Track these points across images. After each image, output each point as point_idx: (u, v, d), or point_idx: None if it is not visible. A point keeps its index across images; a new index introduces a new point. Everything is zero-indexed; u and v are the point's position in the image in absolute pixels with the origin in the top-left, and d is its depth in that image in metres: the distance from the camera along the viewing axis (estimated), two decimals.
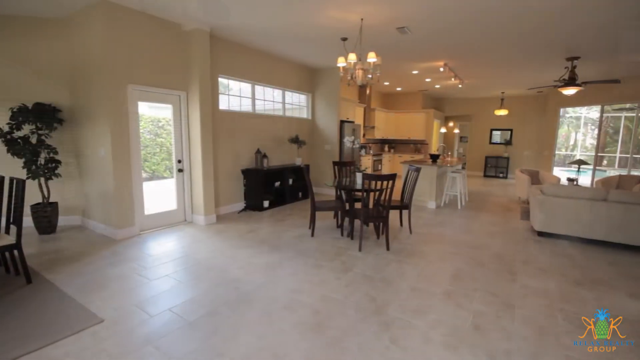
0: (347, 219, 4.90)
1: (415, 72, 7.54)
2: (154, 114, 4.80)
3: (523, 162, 11.21)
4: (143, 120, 4.59)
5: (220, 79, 5.52)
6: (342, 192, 4.76)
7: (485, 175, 11.87)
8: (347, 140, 4.91)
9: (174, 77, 4.73)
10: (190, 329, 2.37)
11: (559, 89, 6.48)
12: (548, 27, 4.48)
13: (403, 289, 3.03)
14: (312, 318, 2.52)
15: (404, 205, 4.63)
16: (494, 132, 11.90)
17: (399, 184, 7.10)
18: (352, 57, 4.29)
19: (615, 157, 9.76)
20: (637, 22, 4.22)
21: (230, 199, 5.83)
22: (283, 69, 6.75)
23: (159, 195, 4.87)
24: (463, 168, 7.67)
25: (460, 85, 8.36)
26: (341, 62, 4.42)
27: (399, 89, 10.20)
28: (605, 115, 9.45)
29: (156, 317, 2.50)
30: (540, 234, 4.75)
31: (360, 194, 4.72)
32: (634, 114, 8.62)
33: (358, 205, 5.19)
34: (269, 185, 6.17)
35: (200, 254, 3.79)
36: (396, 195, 6.50)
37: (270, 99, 6.72)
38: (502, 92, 10.54)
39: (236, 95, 6.00)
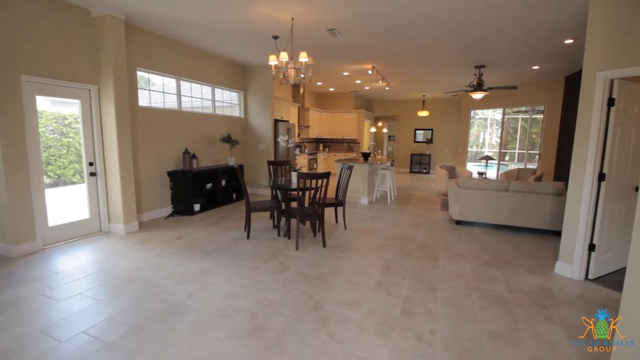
0: (283, 219, 4.87)
1: (346, 73, 7.81)
2: (58, 110, 4.17)
3: (442, 159, 12.42)
4: (44, 117, 3.96)
5: (139, 73, 5.04)
6: (278, 191, 4.71)
7: (411, 172, 12.86)
8: (282, 139, 4.88)
9: (82, 68, 4.17)
10: (109, 351, 2.11)
11: (470, 93, 7.30)
12: (460, 38, 5.00)
13: (339, 283, 3.12)
14: (249, 322, 2.44)
15: (338, 202, 4.76)
16: (418, 132, 12.95)
17: (333, 181, 7.31)
18: (284, 55, 4.27)
19: (515, 152, 11.35)
20: (530, 38, 4.96)
21: (155, 204, 5.37)
22: (213, 64, 6.43)
23: (67, 204, 4.26)
24: (392, 165, 8.19)
25: (387, 88, 8.90)
26: (273, 61, 4.36)
27: (331, 89, 10.48)
28: (506, 116, 10.94)
29: (67, 343, 2.18)
30: (458, 222, 5.30)
31: (296, 193, 4.72)
32: (528, 116, 10.14)
33: (294, 204, 5.19)
34: (199, 188, 5.83)
35: (120, 267, 3.42)
36: (331, 193, 6.67)
37: (199, 96, 6.35)
38: (424, 95, 11.52)
39: (159, 91, 5.54)
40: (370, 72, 7.25)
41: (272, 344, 2.20)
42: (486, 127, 13.22)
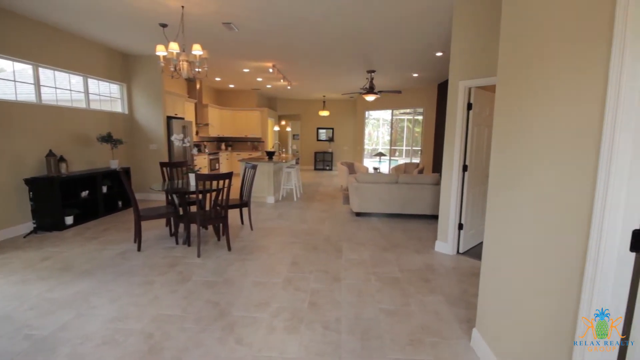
0: (182, 225, 4.47)
1: (246, 70, 7.61)
2: None
3: (343, 156, 13.26)
4: None
5: None
6: (174, 196, 4.30)
7: (316, 169, 13.37)
8: (176, 138, 4.46)
9: None
10: None
11: (363, 95, 7.95)
12: (353, 44, 5.38)
13: (246, 286, 3.02)
14: (144, 344, 2.16)
15: (243, 202, 4.61)
16: (320, 130, 13.52)
17: (237, 182, 7.06)
18: (174, 46, 3.89)
19: (403, 149, 12.86)
20: (409, 49, 5.64)
21: (9, 220, 4.30)
22: (85, 51, 5.46)
23: None
24: (297, 163, 8.35)
25: (289, 87, 9.01)
26: (161, 51, 3.94)
27: (231, 85, 10.08)
28: (394, 117, 12.29)
29: None
30: (358, 214, 5.73)
31: (195, 196, 4.38)
32: (412, 117, 11.60)
33: (194, 208, 4.82)
34: (72, 197, 4.90)
35: None
36: (236, 194, 6.41)
37: (67, 87, 5.32)
38: (324, 96, 12.08)
39: (9, 79, 4.44)
40: (271, 70, 7.23)
41: None
42: (379, 126, 14.63)
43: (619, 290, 1.19)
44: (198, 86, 8.87)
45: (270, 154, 7.18)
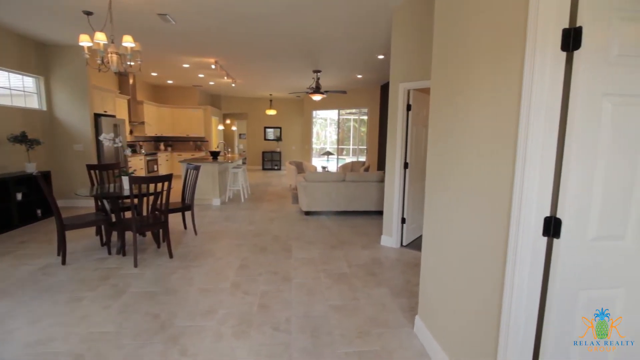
0: (115, 233, 4.08)
1: (186, 65, 7.20)
2: None
3: (291, 155, 13.23)
4: None
5: None
6: (105, 201, 3.92)
7: (264, 169, 13.16)
8: (106, 138, 4.06)
9: None
10: None
11: (310, 95, 8.00)
12: (297, 44, 5.38)
13: (191, 294, 2.86)
14: None
15: (186, 206, 4.36)
16: (268, 130, 13.33)
17: (179, 184, 6.65)
18: (101, 37, 3.53)
19: (350, 148, 13.22)
20: (353, 51, 5.80)
21: None
22: None
23: None
24: (244, 163, 8.14)
25: (233, 85, 8.73)
26: (85, 41, 3.55)
27: (170, 81, 9.47)
28: (341, 117, 12.58)
29: None
30: (307, 213, 5.76)
31: (129, 201, 4.04)
32: (357, 117, 11.97)
33: (129, 214, 4.44)
34: None
35: None
36: (177, 197, 6.05)
37: None
38: (271, 94, 11.92)
39: None
40: (213, 66, 6.93)
41: None
42: (326, 125, 14.87)
43: (534, 269, 1.35)
44: (131, 81, 8.18)
45: (214, 154, 6.89)
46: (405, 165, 4.06)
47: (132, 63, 3.94)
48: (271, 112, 11.80)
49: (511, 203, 1.38)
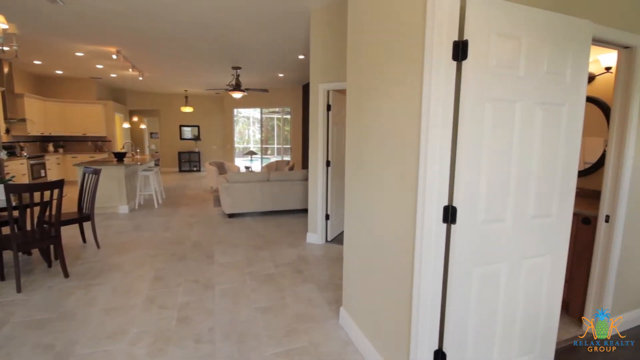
0: None
1: (80, 54, 6.24)
2: None
3: (212, 156, 12.53)
4: None
5: None
6: None
7: (181, 170, 12.21)
8: None
9: None
10: None
11: (230, 92, 7.69)
12: (215, 38, 5.10)
13: (94, 316, 2.50)
14: None
15: (84, 216, 3.80)
16: (184, 128, 12.39)
17: (74, 191, 5.75)
18: None
19: (274, 147, 13.12)
20: (273, 50, 5.74)
21: None
22: None
23: None
24: (156, 165, 7.42)
25: (140, 78, 7.88)
26: None
27: (59, 72, 8.11)
28: (264, 116, 12.40)
29: None
30: (230, 215, 5.53)
31: (7, 214, 3.35)
32: (281, 116, 11.93)
33: (6, 229, 3.67)
34: None
35: None
36: (73, 206, 5.25)
37: None
38: (186, 90, 11.10)
39: None
40: (115, 57, 6.15)
41: None
42: (249, 124, 14.49)
43: (437, 252, 1.52)
44: (6, 69, 6.77)
45: (119, 156, 6.13)
46: (328, 163, 4.19)
47: (7, 48, 3.27)
48: (187, 109, 11.00)
49: (417, 195, 1.53)
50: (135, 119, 12.09)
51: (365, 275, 2.11)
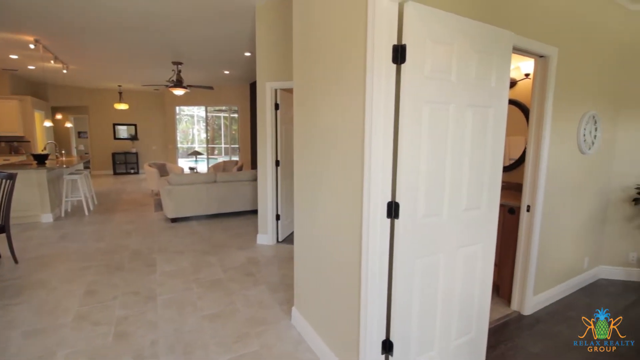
0: None
1: None
2: None
3: (152, 156, 11.67)
4: None
5: None
6: None
7: (116, 173, 11.19)
8: None
9: None
10: None
11: (170, 89, 7.22)
12: (153, 29, 4.73)
13: (13, 340, 2.18)
14: None
15: None
16: (119, 127, 11.36)
17: None
18: None
19: (221, 147, 12.63)
20: (218, 46, 5.50)
21: None
22: None
23: None
24: (86, 167, 6.71)
25: (65, 71, 7.07)
26: None
27: None
28: (210, 114, 11.87)
29: None
30: (174, 220, 5.20)
31: None
32: (228, 115, 11.51)
33: None
34: None
35: None
36: None
37: None
38: (120, 86, 10.20)
39: None
40: (33, 46, 5.43)
41: None
42: (193, 123, 13.77)
43: (383, 246, 1.58)
44: None
45: (40, 158, 5.43)
46: (277, 163, 4.15)
47: None
48: (121, 106, 10.09)
49: (362, 192, 1.58)
50: (59, 116, 10.79)
51: (316, 273, 2.12)
